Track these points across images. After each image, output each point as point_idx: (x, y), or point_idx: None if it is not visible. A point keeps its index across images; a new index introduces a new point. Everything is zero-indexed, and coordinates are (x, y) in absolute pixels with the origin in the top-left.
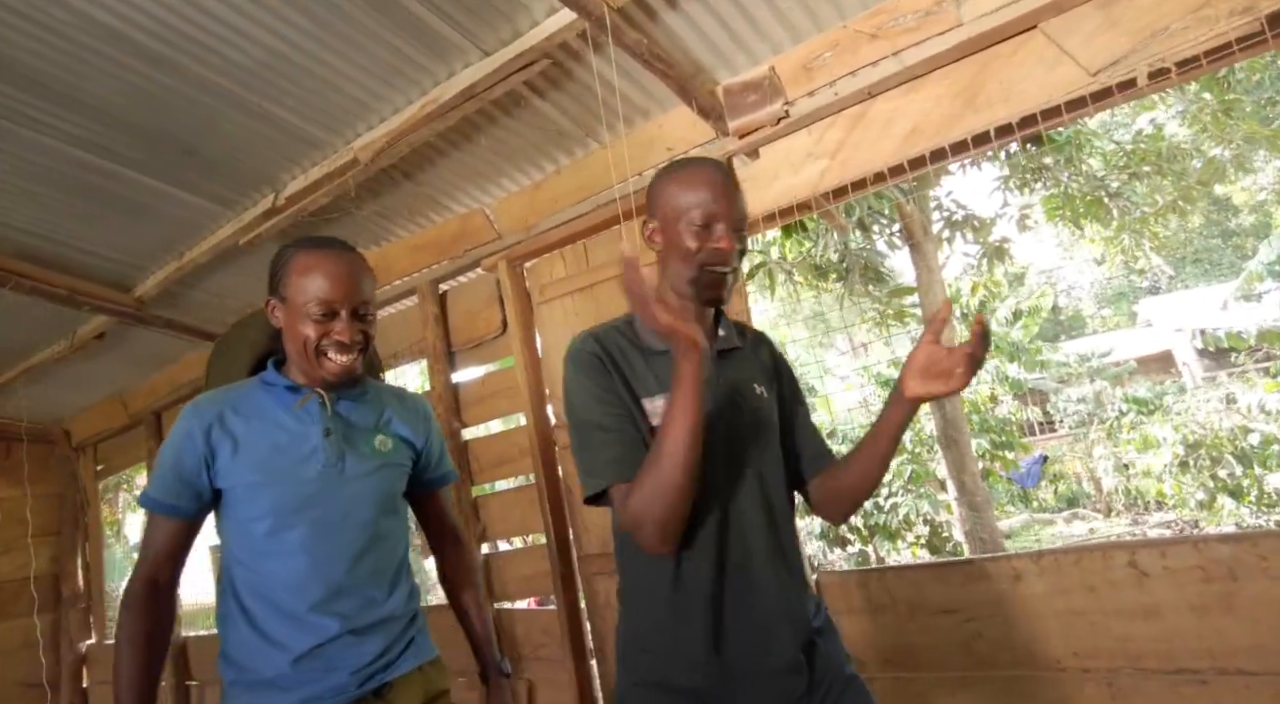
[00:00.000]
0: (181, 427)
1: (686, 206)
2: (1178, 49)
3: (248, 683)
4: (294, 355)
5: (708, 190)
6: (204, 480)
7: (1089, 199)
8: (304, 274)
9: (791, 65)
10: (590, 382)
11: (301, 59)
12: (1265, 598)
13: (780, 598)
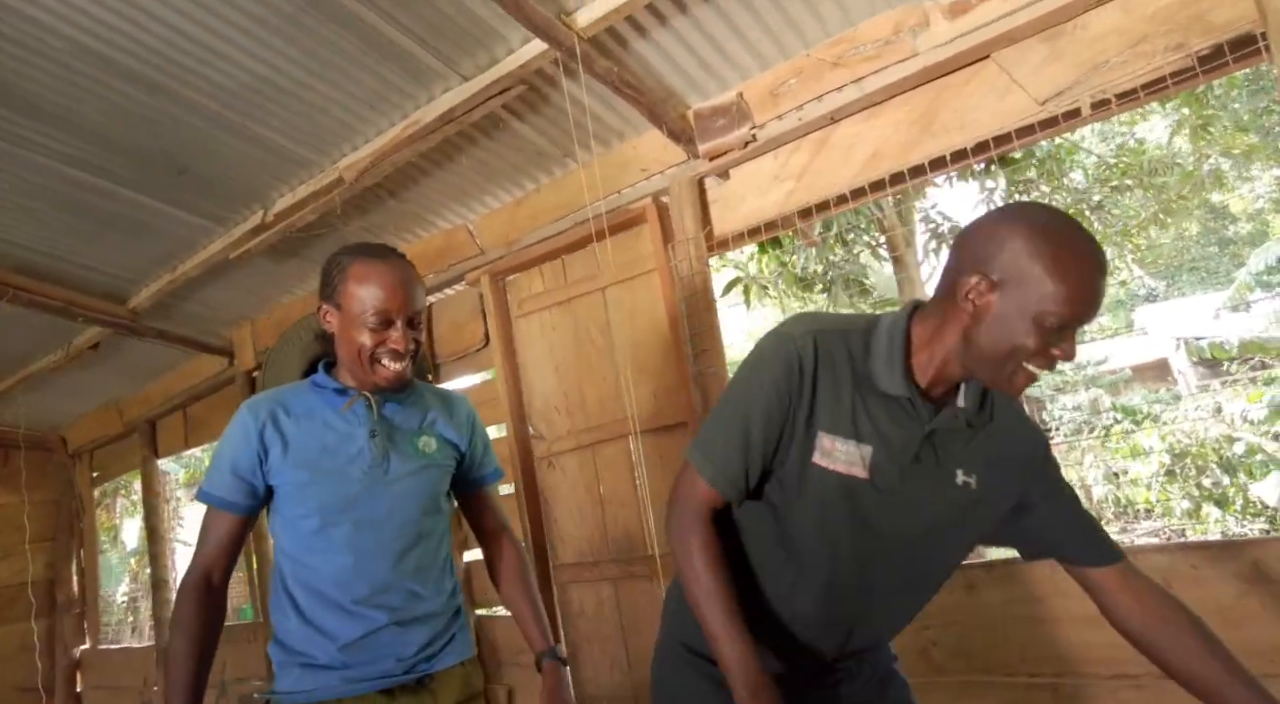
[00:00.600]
0: (237, 425)
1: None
2: (1117, 82)
3: (299, 664)
4: (347, 361)
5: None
6: (258, 477)
7: (1071, 211)
8: (361, 283)
9: (759, 91)
10: (771, 385)
11: (288, 84)
12: (1195, 604)
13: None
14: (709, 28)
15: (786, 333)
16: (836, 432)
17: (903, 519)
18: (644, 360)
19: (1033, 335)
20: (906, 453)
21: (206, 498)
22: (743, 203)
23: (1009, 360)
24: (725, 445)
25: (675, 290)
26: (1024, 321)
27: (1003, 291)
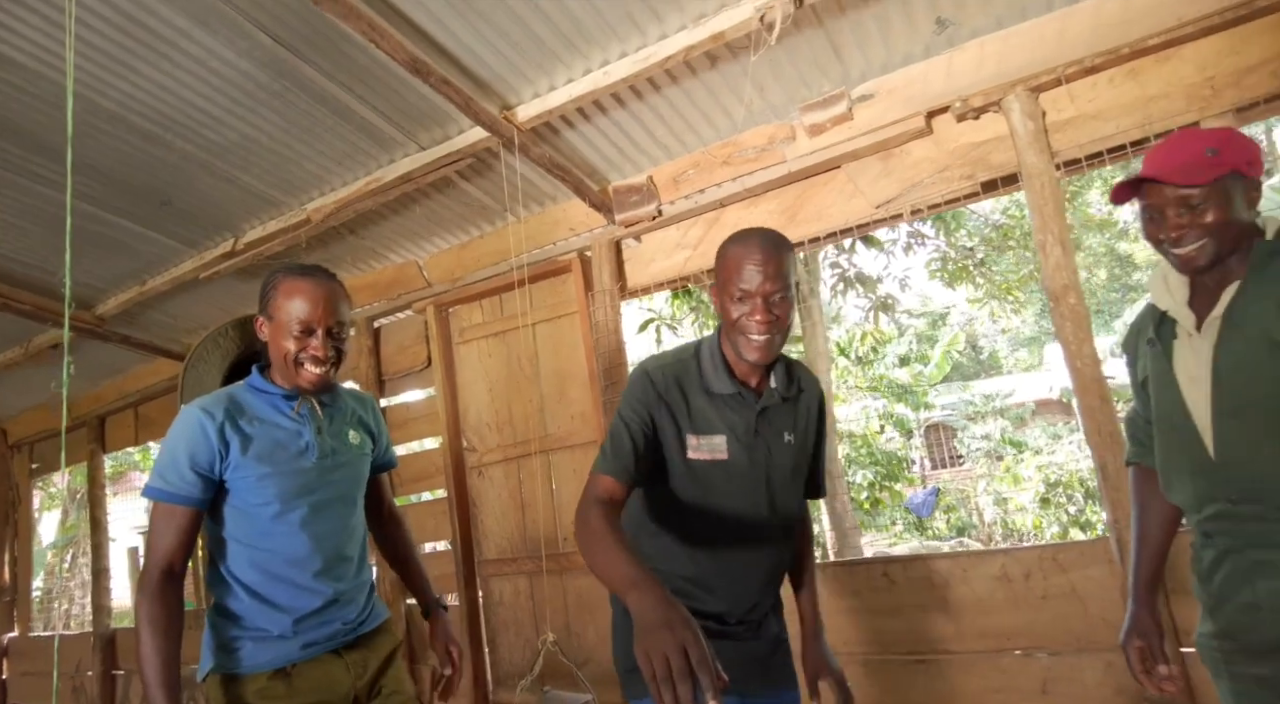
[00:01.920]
0: (193, 425)
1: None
2: (927, 196)
3: (253, 637)
4: (276, 365)
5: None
6: (215, 473)
7: (959, 266)
8: (288, 296)
9: (665, 176)
10: (638, 400)
11: (269, 142)
12: (966, 599)
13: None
14: (626, 126)
15: (641, 369)
16: (697, 431)
17: (758, 478)
18: (563, 387)
19: (731, 307)
20: (749, 432)
21: (162, 495)
22: (652, 263)
23: (731, 333)
24: (614, 448)
25: (592, 331)
26: (725, 301)
27: (717, 291)
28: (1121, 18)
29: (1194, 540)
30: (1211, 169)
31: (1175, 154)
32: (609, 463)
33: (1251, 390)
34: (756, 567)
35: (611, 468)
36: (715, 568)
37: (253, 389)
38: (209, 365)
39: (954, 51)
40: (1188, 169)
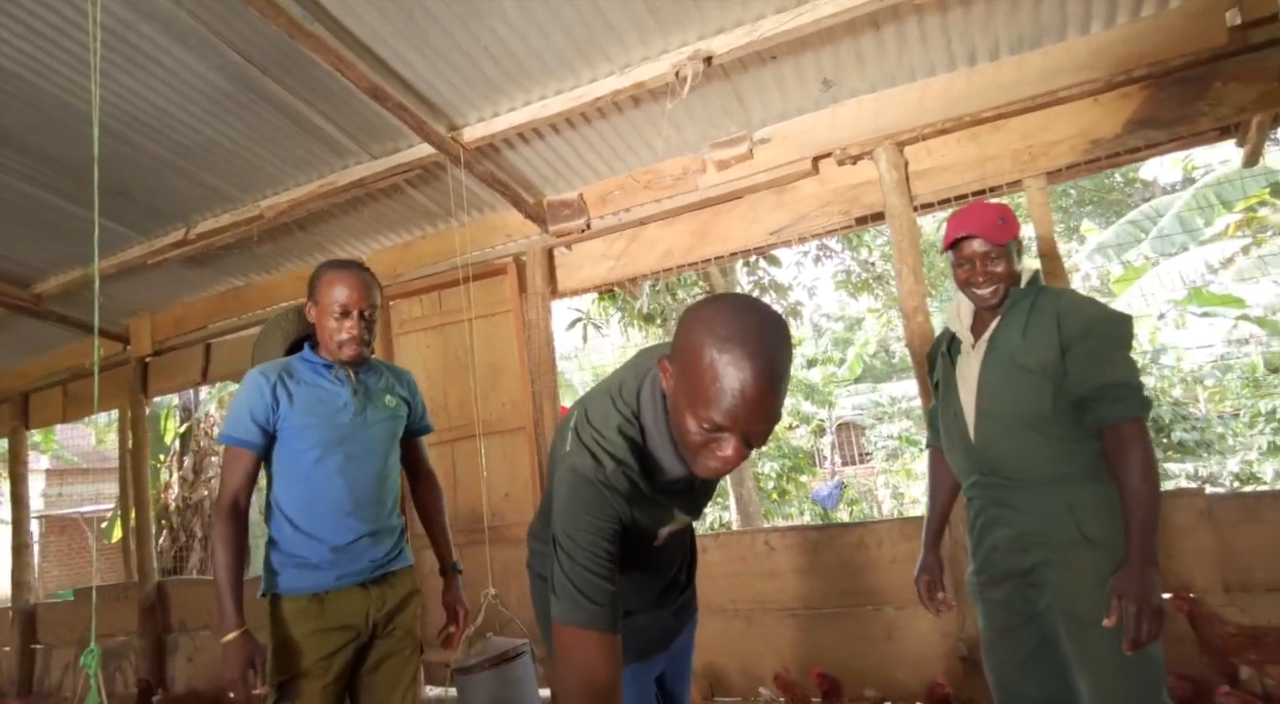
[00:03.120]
0: (253, 385)
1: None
2: (812, 226)
3: (295, 565)
4: (322, 341)
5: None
6: (270, 423)
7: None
8: (330, 285)
9: (593, 194)
10: (603, 522)
11: (232, 146)
12: (832, 564)
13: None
14: (560, 150)
15: (595, 482)
16: (658, 525)
17: (691, 520)
18: (496, 378)
19: (696, 429)
20: (685, 495)
21: (231, 440)
22: (580, 269)
23: (686, 447)
24: (593, 595)
25: (525, 328)
26: (688, 415)
27: (677, 381)
28: (965, 92)
29: (966, 503)
30: (1003, 232)
31: (981, 217)
32: (589, 612)
33: (1000, 396)
34: (678, 568)
35: (601, 620)
36: (658, 583)
37: (303, 360)
38: (273, 342)
39: (837, 107)
40: (991, 229)
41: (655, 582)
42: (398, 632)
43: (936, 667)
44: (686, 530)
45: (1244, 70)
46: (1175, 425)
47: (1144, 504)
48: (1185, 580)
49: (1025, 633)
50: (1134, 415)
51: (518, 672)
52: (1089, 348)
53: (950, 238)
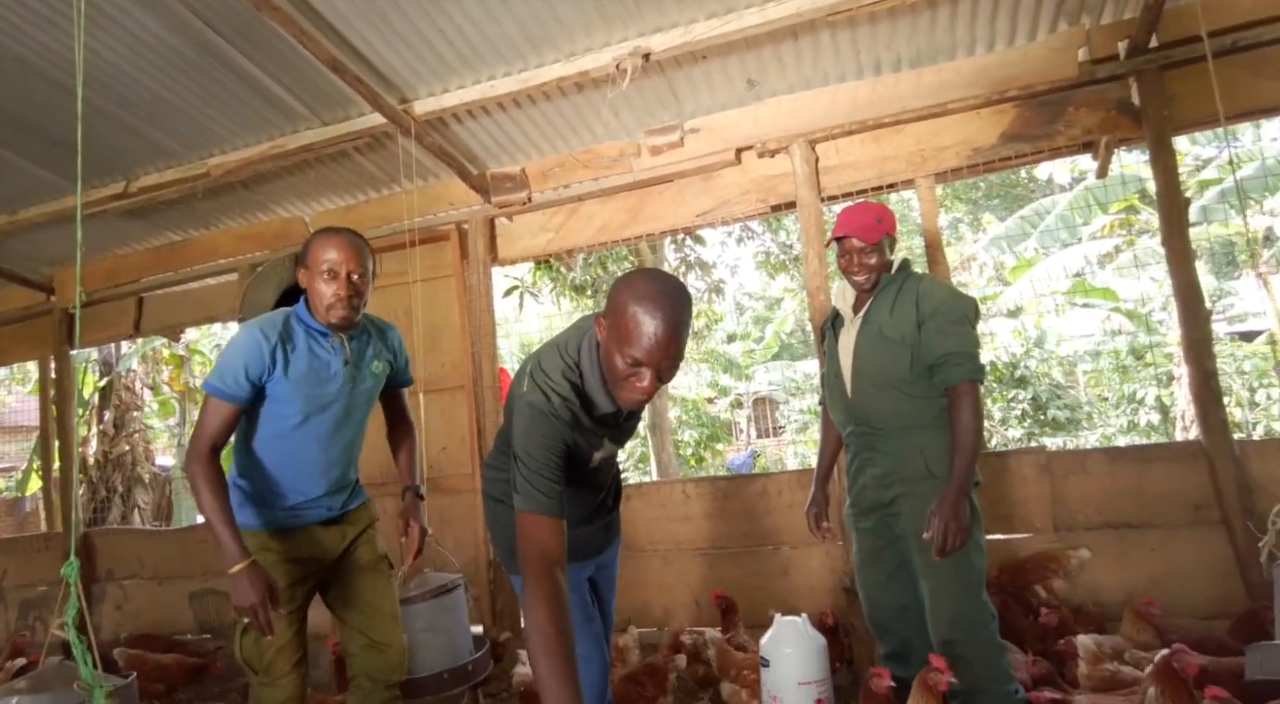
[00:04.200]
0: (253, 342)
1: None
2: (733, 211)
3: (255, 503)
4: (312, 304)
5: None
6: (262, 381)
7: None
8: (320, 247)
9: (535, 169)
10: (551, 440)
11: (181, 104)
12: (738, 510)
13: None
14: (506, 127)
15: (544, 412)
16: (593, 450)
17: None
18: (436, 339)
19: (621, 366)
20: (613, 428)
21: (218, 391)
22: (520, 240)
23: (614, 383)
24: (546, 492)
25: (465, 293)
26: (615, 355)
27: (608, 331)
28: (869, 99)
29: (845, 449)
30: (876, 232)
31: (858, 219)
32: (545, 506)
33: (870, 362)
34: (607, 493)
35: (552, 509)
36: (592, 502)
37: (299, 319)
38: (266, 287)
39: (759, 105)
40: (865, 230)
41: (590, 500)
42: (362, 549)
43: (825, 597)
44: (613, 463)
45: (1091, 99)
46: (1051, 404)
47: (965, 449)
48: (1027, 523)
49: (887, 556)
50: (969, 378)
51: (453, 603)
52: (938, 323)
53: (834, 235)
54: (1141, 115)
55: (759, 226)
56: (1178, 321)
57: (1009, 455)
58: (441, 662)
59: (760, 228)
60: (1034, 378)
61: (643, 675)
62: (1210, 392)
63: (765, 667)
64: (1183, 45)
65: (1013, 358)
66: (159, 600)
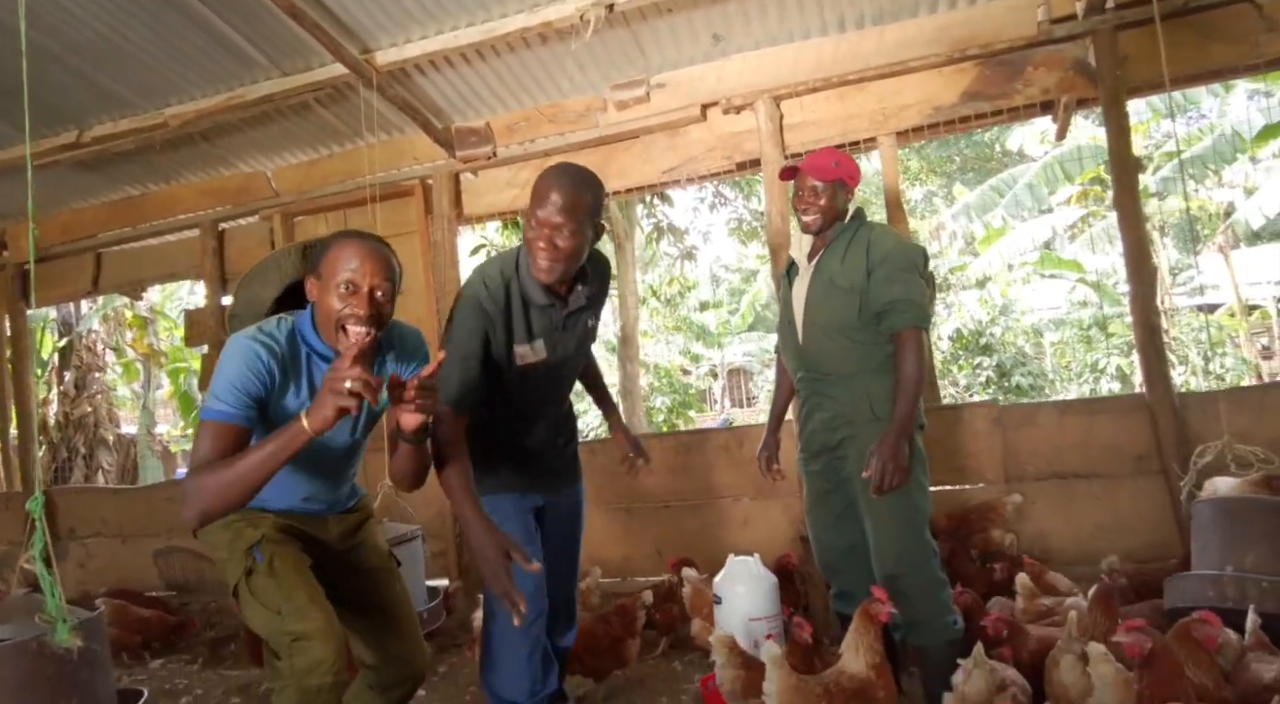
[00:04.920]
0: (251, 359)
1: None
2: (698, 169)
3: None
4: (321, 324)
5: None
6: (261, 400)
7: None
8: (337, 255)
9: (500, 124)
10: (472, 329)
11: (134, 49)
12: (700, 464)
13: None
14: (470, 80)
15: (473, 298)
16: (522, 342)
17: (565, 363)
18: (400, 299)
19: (530, 231)
20: (557, 330)
21: (221, 414)
22: (485, 196)
23: (530, 253)
24: (460, 386)
25: (430, 249)
26: (526, 226)
27: (527, 210)
28: (833, 56)
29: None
30: (832, 173)
31: (817, 160)
32: (455, 402)
33: (821, 309)
34: (556, 419)
35: (458, 405)
36: (533, 425)
37: (304, 341)
38: (266, 284)
39: (724, 61)
40: (820, 170)
41: (538, 430)
42: (367, 546)
43: (784, 546)
44: (563, 398)
45: (1049, 59)
46: (1015, 371)
47: (907, 392)
48: (979, 474)
49: (835, 498)
50: (914, 324)
51: (412, 553)
52: (886, 271)
53: (787, 169)
54: (1097, 76)
55: (731, 193)
56: (1127, 280)
57: (962, 409)
58: None
59: (733, 194)
60: (999, 345)
61: (612, 616)
62: (1155, 347)
63: (718, 604)
64: (1136, 6)
65: (978, 325)
66: (122, 559)
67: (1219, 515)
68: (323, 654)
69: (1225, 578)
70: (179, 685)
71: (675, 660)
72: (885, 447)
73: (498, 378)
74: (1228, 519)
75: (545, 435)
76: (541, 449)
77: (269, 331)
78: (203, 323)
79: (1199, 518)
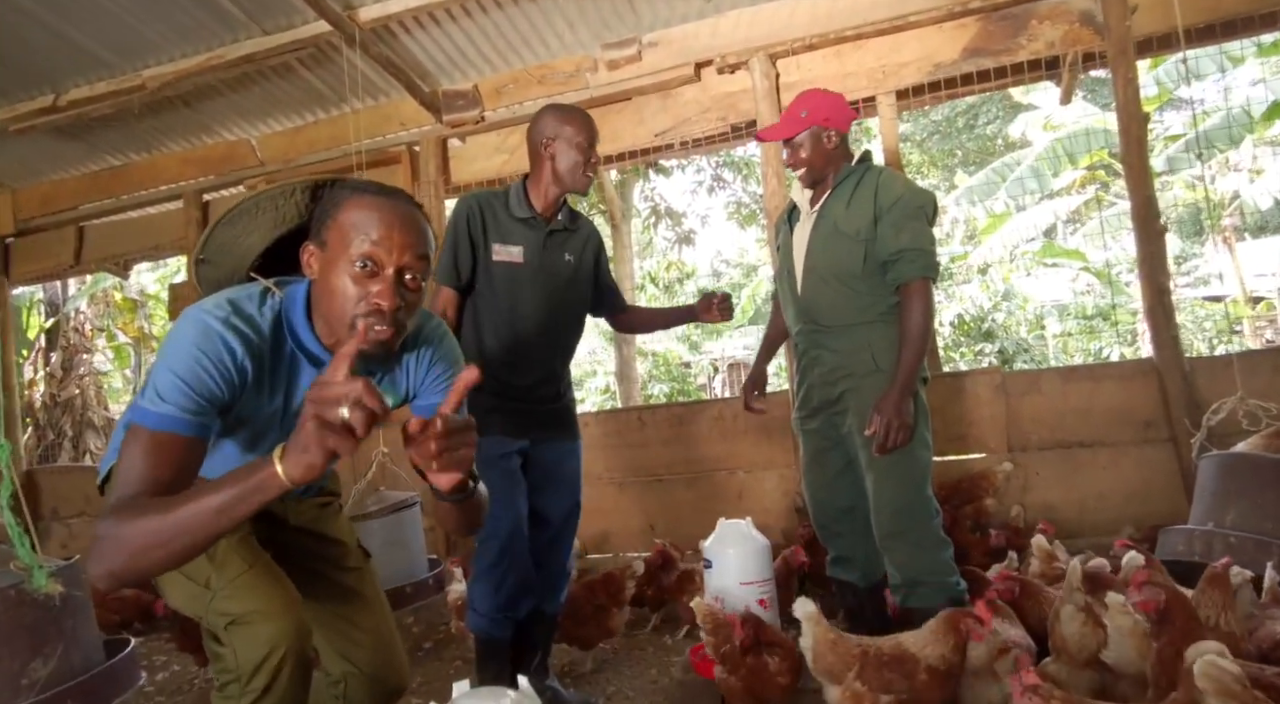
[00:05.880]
0: (215, 350)
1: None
2: (692, 131)
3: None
4: (325, 313)
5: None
6: (221, 402)
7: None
8: (353, 216)
9: (488, 87)
10: (459, 220)
11: (108, 3)
12: (694, 435)
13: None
14: (457, 39)
15: (462, 198)
16: (500, 241)
17: (546, 280)
18: None
19: (574, 154)
20: (538, 245)
21: (157, 420)
22: (474, 162)
23: (571, 172)
24: (445, 262)
25: None
26: (567, 151)
27: (555, 145)
28: (829, 11)
29: (794, 349)
30: (800, 124)
31: (787, 112)
32: (445, 276)
33: (822, 257)
34: (551, 350)
35: (448, 279)
36: (524, 353)
37: (293, 334)
38: (253, 228)
39: (718, 18)
40: (784, 125)
41: (528, 371)
42: (332, 535)
43: (779, 518)
44: (554, 343)
45: (1054, 12)
46: (1018, 356)
47: (912, 345)
48: (981, 443)
49: (833, 456)
50: (922, 275)
51: (412, 518)
52: (894, 218)
53: (758, 135)
54: (1104, 28)
55: (730, 175)
56: (1134, 240)
57: (965, 376)
58: (402, 576)
59: (732, 176)
60: (1000, 331)
61: (598, 584)
62: (1163, 307)
63: (708, 568)
64: None
65: (980, 311)
66: None
67: (1217, 470)
68: (273, 633)
69: (1196, 533)
70: (157, 662)
71: (667, 635)
72: (888, 403)
73: (482, 288)
74: (1223, 474)
75: (537, 378)
76: (529, 393)
77: (246, 312)
78: (188, 299)
79: (1202, 473)
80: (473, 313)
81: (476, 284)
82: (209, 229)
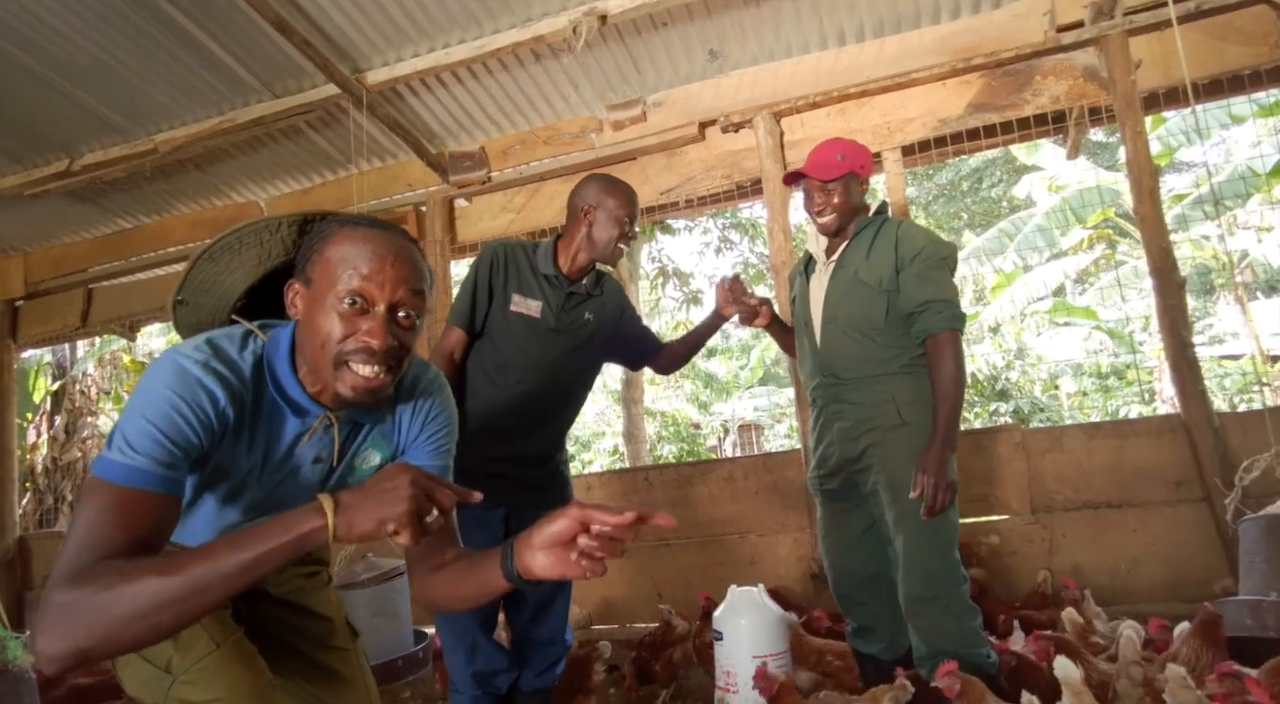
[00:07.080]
0: (193, 395)
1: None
2: (697, 190)
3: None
4: (310, 356)
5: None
6: (196, 450)
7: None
8: (342, 252)
9: (495, 148)
10: (482, 266)
11: (120, 68)
12: (703, 496)
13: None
14: (463, 101)
15: (488, 248)
16: (520, 293)
17: (558, 340)
18: None
19: (614, 229)
20: (558, 304)
21: (124, 473)
22: (480, 221)
23: (609, 244)
24: (461, 305)
25: None
26: (607, 222)
27: (595, 214)
28: (832, 69)
29: (810, 406)
30: (839, 168)
31: (821, 156)
32: (457, 319)
33: (841, 308)
34: (548, 411)
35: (459, 321)
36: (519, 409)
37: (275, 382)
38: (235, 265)
39: (721, 77)
40: (826, 167)
41: (526, 436)
42: (319, 610)
43: (794, 585)
44: (555, 412)
45: (1058, 67)
46: (1034, 416)
47: (949, 399)
48: (1004, 504)
49: (855, 518)
50: (950, 326)
51: (402, 587)
52: (917, 269)
53: (790, 175)
54: (1108, 82)
55: (737, 236)
56: (1153, 292)
57: (983, 434)
58: (393, 648)
59: (738, 237)
60: (1015, 390)
61: (564, 670)
62: (1187, 361)
63: (719, 640)
64: (1146, 11)
65: (993, 370)
66: None
67: (1266, 534)
68: None
69: (1266, 605)
70: None
71: None
72: (932, 460)
73: (492, 339)
74: (1275, 538)
75: (528, 436)
76: (516, 453)
77: (227, 356)
78: None
79: (1246, 537)
80: (477, 358)
81: (487, 331)
82: (188, 266)
